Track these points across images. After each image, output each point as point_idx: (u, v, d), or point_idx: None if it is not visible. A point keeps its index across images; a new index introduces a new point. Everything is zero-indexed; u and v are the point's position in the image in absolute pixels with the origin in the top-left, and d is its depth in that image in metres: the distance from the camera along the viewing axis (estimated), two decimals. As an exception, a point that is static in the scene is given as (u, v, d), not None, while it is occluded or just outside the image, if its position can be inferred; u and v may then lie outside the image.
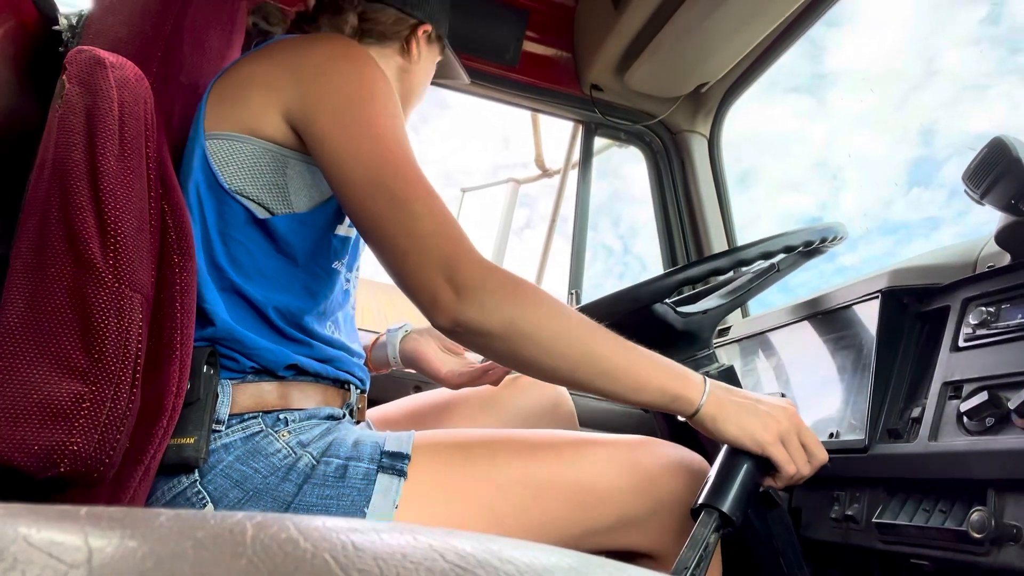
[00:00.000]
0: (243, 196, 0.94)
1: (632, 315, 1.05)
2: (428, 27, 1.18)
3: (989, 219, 1.00)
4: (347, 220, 1.01)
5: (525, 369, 0.88)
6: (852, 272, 1.36)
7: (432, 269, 0.82)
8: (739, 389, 0.92)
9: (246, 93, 0.95)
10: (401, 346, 1.30)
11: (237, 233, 0.95)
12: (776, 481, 0.90)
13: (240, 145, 0.94)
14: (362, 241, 1.10)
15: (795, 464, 0.88)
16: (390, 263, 0.86)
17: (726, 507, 0.82)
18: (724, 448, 0.90)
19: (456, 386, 1.26)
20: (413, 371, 1.34)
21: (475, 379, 1.23)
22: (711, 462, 1.07)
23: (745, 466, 0.87)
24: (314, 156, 0.92)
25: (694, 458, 1.01)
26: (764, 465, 0.88)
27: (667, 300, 1.08)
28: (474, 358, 1.29)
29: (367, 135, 0.88)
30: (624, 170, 2.33)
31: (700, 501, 0.84)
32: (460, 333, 0.84)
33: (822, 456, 0.90)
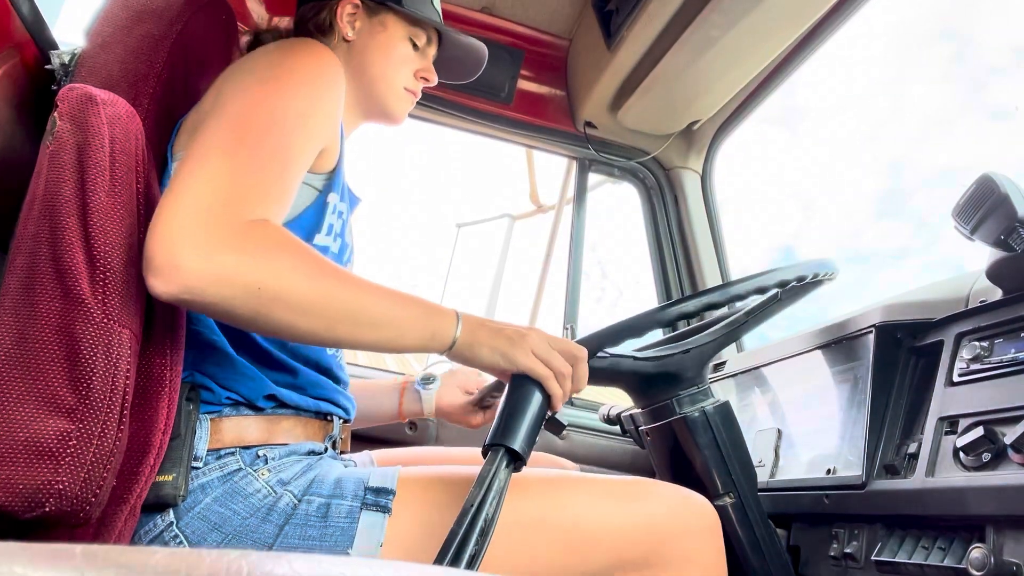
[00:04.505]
0: None
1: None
2: (351, 1, 1.12)
3: (955, 249, 1.00)
4: (324, 230, 0.98)
5: (279, 333, 0.80)
6: (825, 299, 1.36)
7: (170, 222, 0.72)
8: (490, 319, 0.90)
9: (204, 107, 0.95)
10: (436, 402, 1.33)
11: None
12: (552, 398, 0.88)
13: None
14: (348, 254, 1.09)
15: (552, 370, 0.87)
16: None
17: (515, 443, 0.82)
18: (507, 386, 0.89)
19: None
20: None
21: None
22: (713, 501, 1.04)
23: (527, 399, 0.86)
24: None
25: (697, 498, 0.96)
26: (545, 394, 0.88)
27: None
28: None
29: (243, 101, 0.85)
30: (599, 195, 2.34)
31: (487, 442, 0.84)
32: (189, 301, 0.73)
33: (580, 353, 0.89)
